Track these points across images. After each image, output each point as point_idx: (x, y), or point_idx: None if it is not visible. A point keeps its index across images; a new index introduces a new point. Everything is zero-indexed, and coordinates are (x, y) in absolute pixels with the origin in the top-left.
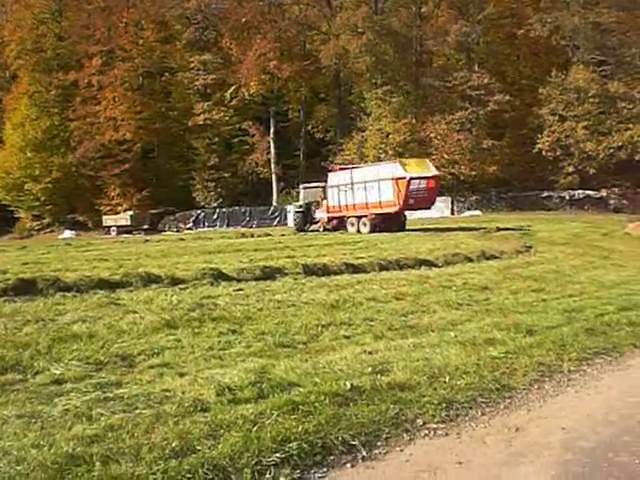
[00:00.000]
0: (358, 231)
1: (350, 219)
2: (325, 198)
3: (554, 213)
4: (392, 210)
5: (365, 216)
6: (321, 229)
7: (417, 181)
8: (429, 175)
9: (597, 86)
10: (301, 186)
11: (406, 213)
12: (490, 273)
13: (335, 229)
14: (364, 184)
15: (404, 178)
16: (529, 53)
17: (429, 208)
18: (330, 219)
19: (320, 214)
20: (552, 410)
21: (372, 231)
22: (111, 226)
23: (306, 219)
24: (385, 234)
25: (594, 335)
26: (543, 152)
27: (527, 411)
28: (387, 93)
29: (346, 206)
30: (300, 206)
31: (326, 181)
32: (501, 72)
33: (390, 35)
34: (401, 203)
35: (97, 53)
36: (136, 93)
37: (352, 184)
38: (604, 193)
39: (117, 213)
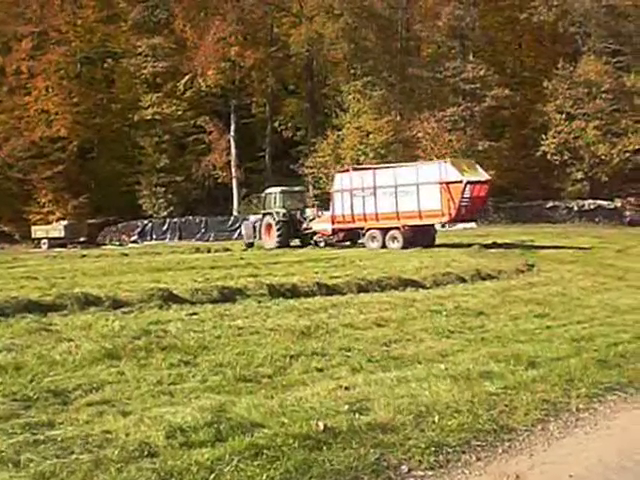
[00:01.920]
0: (383, 246)
1: (371, 232)
2: (321, 207)
3: (560, 226)
4: (439, 221)
5: (395, 228)
6: (322, 244)
7: (471, 186)
8: (483, 179)
9: (611, 79)
10: (278, 189)
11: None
12: (486, 295)
13: (341, 243)
14: (394, 188)
15: (459, 182)
16: (532, 41)
17: (475, 220)
18: (336, 231)
19: (321, 225)
20: (558, 455)
21: (405, 247)
22: (42, 238)
23: (290, 232)
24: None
25: (607, 368)
26: (548, 156)
27: (529, 456)
28: (367, 85)
29: (363, 215)
30: (284, 215)
31: (329, 184)
32: (500, 63)
33: (372, 18)
34: (452, 213)
35: (28, 35)
36: (73, 82)
37: (374, 188)
38: (618, 203)
39: (49, 223)
